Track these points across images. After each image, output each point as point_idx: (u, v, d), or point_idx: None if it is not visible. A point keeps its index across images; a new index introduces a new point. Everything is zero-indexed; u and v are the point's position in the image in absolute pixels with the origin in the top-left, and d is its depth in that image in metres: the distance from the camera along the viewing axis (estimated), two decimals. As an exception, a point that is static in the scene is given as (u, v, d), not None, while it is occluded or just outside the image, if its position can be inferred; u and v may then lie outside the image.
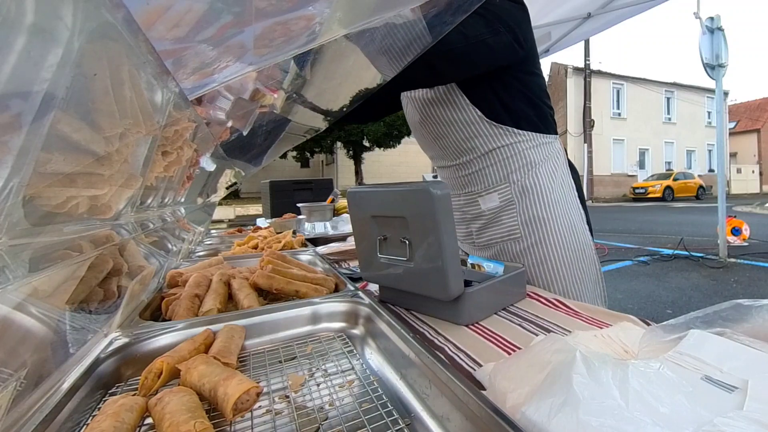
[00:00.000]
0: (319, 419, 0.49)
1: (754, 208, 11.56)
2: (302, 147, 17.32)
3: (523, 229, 0.99)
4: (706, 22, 4.80)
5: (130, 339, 0.64)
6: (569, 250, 0.99)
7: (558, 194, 0.99)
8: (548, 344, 0.48)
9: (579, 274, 1.00)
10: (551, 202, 0.98)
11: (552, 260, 0.98)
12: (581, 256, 1.00)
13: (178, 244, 1.43)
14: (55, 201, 0.58)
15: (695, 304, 3.44)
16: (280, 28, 0.89)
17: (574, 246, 0.99)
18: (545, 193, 0.98)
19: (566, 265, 0.98)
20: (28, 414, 0.43)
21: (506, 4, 0.88)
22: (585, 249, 1.01)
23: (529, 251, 0.99)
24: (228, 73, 1.06)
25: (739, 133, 26.80)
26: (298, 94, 1.53)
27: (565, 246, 0.98)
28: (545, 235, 0.98)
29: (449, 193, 0.69)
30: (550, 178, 0.99)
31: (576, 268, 0.99)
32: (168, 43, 0.76)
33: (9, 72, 0.40)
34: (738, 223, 5.85)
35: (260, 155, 2.67)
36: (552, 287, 0.99)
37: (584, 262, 1.01)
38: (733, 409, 0.38)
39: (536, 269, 0.99)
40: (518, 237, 0.99)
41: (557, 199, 0.99)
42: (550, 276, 0.99)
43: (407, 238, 0.74)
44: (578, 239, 1.00)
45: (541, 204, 0.98)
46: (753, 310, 0.51)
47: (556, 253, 0.98)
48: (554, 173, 1.00)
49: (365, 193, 0.81)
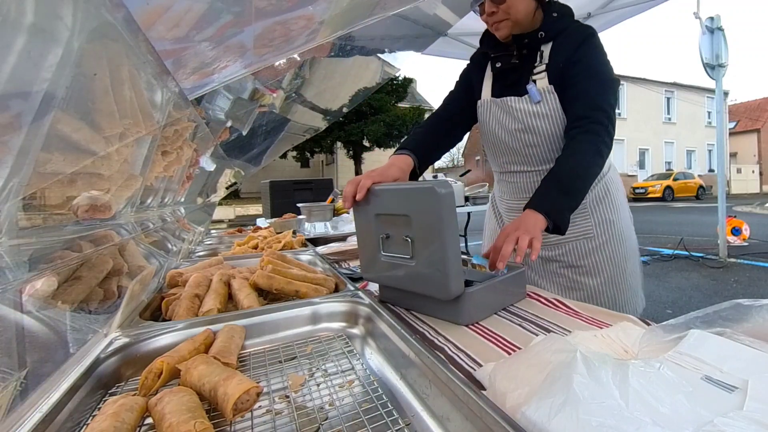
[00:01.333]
0: (319, 419, 0.49)
1: (754, 208, 11.56)
2: (302, 147, 17.33)
3: (596, 229, 1.12)
4: (706, 22, 4.80)
5: (130, 339, 0.64)
6: (629, 247, 1.14)
7: (621, 199, 1.15)
8: (548, 344, 0.48)
9: (635, 269, 1.15)
10: (618, 206, 1.14)
11: (618, 256, 1.12)
12: (635, 252, 1.16)
13: (178, 244, 1.43)
14: (55, 201, 0.58)
15: (695, 304, 3.43)
16: (280, 28, 0.89)
17: (631, 244, 1.15)
18: (615, 198, 1.13)
19: (627, 260, 1.13)
20: (28, 414, 0.43)
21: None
22: (635, 247, 1.17)
23: (600, 249, 1.12)
24: (228, 73, 1.06)
25: (739, 133, 26.81)
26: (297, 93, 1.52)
27: (626, 244, 1.13)
28: (613, 234, 1.11)
29: (453, 192, 0.69)
30: (615, 186, 1.15)
31: (633, 263, 1.14)
32: (168, 43, 0.76)
33: (9, 72, 0.39)
34: (738, 223, 5.85)
35: (260, 155, 2.67)
36: (615, 279, 1.11)
37: (636, 257, 1.16)
38: (733, 409, 0.38)
39: (604, 264, 1.12)
40: (591, 236, 1.12)
41: (621, 203, 1.14)
42: (614, 270, 1.11)
43: (410, 236, 0.74)
44: (632, 238, 1.16)
45: (612, 208, 1.12)
46: (753, 310, 0.51)
47: (622, 250, 1.12)
48: (618, 181, 1.17)
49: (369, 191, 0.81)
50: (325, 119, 2.61)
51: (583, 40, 1.01)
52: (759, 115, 26.85)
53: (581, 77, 0.99)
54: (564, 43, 1.03)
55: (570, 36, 1.03)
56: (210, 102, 1.46)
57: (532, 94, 1.05)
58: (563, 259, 1.14)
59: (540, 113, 1.06)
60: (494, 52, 1.13)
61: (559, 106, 1.04)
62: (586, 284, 1.12)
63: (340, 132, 17.03)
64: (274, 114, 1.99)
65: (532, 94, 1.05)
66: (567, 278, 1.14)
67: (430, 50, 3.33)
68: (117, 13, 0.56)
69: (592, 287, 1.11)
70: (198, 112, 1.27)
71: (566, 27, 1.05)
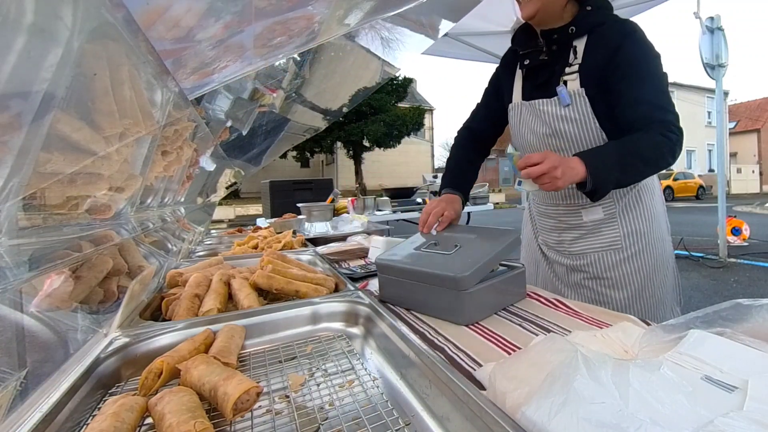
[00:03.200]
0: (319, 419, 0.49)
1: (754, 208, 11.55)
2: (302, 147, 17.31)
3: (624, 240, 1.05)
4: (706, 22, 4.80)
5: (130, 339, 0.64)
6: (660, 259, 1.07)
7: (656, 210, 1.08)
8: (548, 344, 0.48)
9: (665, 281, 1.08)
10: (650, 217, 1.06)
11: (647, 269, 1.05)
12: (667, 264, 1.09)
13: (178, 244, 1.43)
14: (55, 201, 0.58)
15: (695, 304, 3.43)
16: (280, 28, 0.89)
17: (663, 256, 1.08)
18: (647, 209, 1.06)
19: (659, 274, 1.06)
20: (28, 414, 0.43)
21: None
22: (669, 258, 1.10)
23: (628, 261, 1.05)
24: (228, 73, 1.06)
25: (739, 133, 26.81)
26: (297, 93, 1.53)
27: (657, 256, 1.06)
28: (643, 246, 1.05)
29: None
30: (650, 196, 1.08)
31: (663, 275, 1.07)
32: (168, 43, 0.76)
33: (9, 72, 0.39)
34: (738, 223, 5.85)
35: (260, 155, 2.67)
36: (643, 294, 1.05)
37: (668, 269, 1.09)
38: (733, 409, 0.38)
39: (632, 278, 1.05)
40: (619, 248, 1.05)
41: (655, 214, 1.07)
42: (642, 284, 1.05)
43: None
44: (666, 250, 1.09)
45: (643, 219, 1.05)
46: (753, 310, 0.51)
47: (651, 262, 1.05)
48: (653, 191, 1.09)
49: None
50: (325, 119, 2.61)
51: (623, 38, 0.92)
52: (759, 115, 26.84)
53: (631, 82, 0.92)
54: (600, 42, 0.95)
55: (607, 33, 0.94)
56: (210, 102, 1.46)
57: (562, 96, 0.99)
58: (588, 270, 1.09)
59: (569, 117, 1.00)
60: (523, 49, 1.08)
61: (590, 110, 0.98)
62: (612, 297, 1.06)
63: (340, 132, 17.01)
64: (274, 114, 1.99)
65: (561, 97, 0.99)
66: (592, 290, 1.09)
67: (430, 50, 3.33)
68: (117, 13, 0.56)
69: (619, 301, 1.05)
70: (198, 112, 1.27)
71: (602, 22, 0.95)
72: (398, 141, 18.10)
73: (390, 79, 3.45)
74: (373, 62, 1.97)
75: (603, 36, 0.95)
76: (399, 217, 3.35)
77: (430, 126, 25.64)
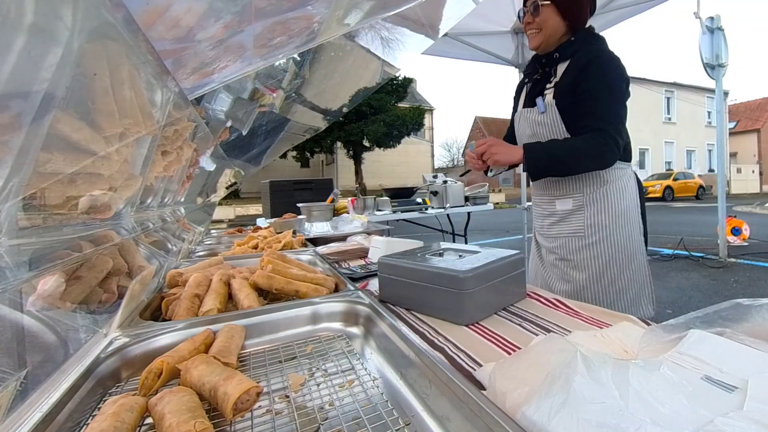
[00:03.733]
0: (319, 419, 0.49)
1: (754, 208, 11.55)
2: (302, 147, 17.30)
3: (587, 229, 1.23)
4: (706, 22, 4.80)
5: (130, 339, 0.64)
6: (622, 253, 1.21)
7: (622, 208, 1.22)
8: (548, 344, 0.48)
9: (628, 274, 1.21)
10: (614, 213, 1.21)
11: (605, 257, 1.21)
12: (632, 259, 1.22)
13: (178, 244, 1.43)
14: (55, 201, 0.58)
15: (695, 304, 3.43)
16: (280, 28, 0.89)
17: (628, 251, 1.21)
18: (611, 205, 1.22)
19: (617, 264, 1.21)
20: (28, 414, 0.43)
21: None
22: (636, 255, 1.22)
23: (589, 247, 1.23)
24: (228, 73, 1.06)
25: (739, 133, 26.78)
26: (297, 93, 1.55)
27: (616, 248, 1.21)
28: (603, 237, 1.21)
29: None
30: (617, 195, 1.22)
31: (626, 268, 1.21)
32: (168, 43, 0.76)
33: (9, 72, 0.39)
34: (738, 223, 5.85)
35: (260, 155, 2.67)
36: (601, 279, 1.22)
37: (634, 264, 1.22)
38: (733, 409, 0.38)
39: (591, 262, 1.23)
40: (582, 235, 1.24)
41: (620, 212, 1.22)
42: (600, 270, 1.22)
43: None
44: (632, 246, 1.22)
45: (605, 213, 1.22)
46: (753, 310, 0.51)
47: (611, 253, 1.21)
48: (623, 191, 1.23)
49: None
50: (325, 119, 2.61)
51: (587, 63, 1.14)
52: (759, 115, 26.83)
53: (587, 96, 1.14)
54: (575, 65, 1.17)
55: (580, 58, 1.16)
56: (210, 102, 1.46)
57: (538, 105, 1.23)
58: (558, 252, 1.30)
59: (543, 122, 1.24)
60: (527, 71, 1.36)
61: (559, 118, 1.20)
62: (574, 277, 1.25)
63: (340, 132, 17.00)
64: (274, 114, 1.99)
65: (538, 106, 1.24)
66: (561, 270, 1.29)
67: (430, 50, 3.33)
68: (117, 13, 0.56)
69: (579, 281, 1.24)
70: (198, 112, 1.27)
71: (578, 50, 1.18)
72: (398, 141, 18.10)
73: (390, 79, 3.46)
74: (373, 62, 1.97)
75: (578, 60, 1.17)
76: (399, 217, 3.35)
77: (430, 126, 25.64)
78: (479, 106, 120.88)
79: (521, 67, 3.75)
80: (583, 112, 1.15)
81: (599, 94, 1.13)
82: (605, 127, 1.12)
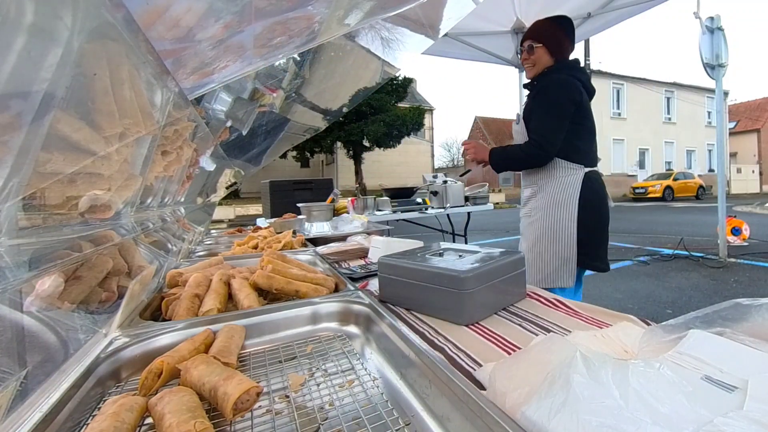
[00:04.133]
0: (319, 419, 0.49)
1: (754, 208, 11.55)
2: (302, 147, 17.29)
3: (532, 210, 1.66)
4: (706, 22, 4.80)
5: (130, 339, 0.64)
6: (550, 231, 1.57)
7: (560, 199, 1.57)
8: (548, 344, 0.48)
9: (552, 249, 1.57)
10: (552, 203, 1.58)
11: (537, 233, 1.61)
12: (558, 239, 1.56)
13: (178, 244, 1.43)
14: (55, 201, 0.58)
15: (695, 304, 3.43)
16: (280, 28, 0.89)
17: (555, 231, 1.57)
18: (551, 197, 1.59)
19: (546, 239, 1.58)
20: (28, 414, 0.43)
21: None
22: (563, 237, 1.55)
23: (531, 224, 1.65)
24: (228, 73, 1.06)
25: (739, 133, 26.77)
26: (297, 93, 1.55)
27: (549, 229, 1.58)
28: (539, 218, 1.61)
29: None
30: (560, 189, 1.57)
31: (551, 245, 1.57)
32: (168, 43, 0.76)
33: (9, 72, 0.39)
34: (738, 223, 5.85)
35: (260, 155, 2.67)
36: (533, 248, 1.61)
37: (559, 244, 1.56)
38: (733, 409, 0.38)
39: (529, 235, 1.65)
40: (529, 214, 1.67)
41: (557, 201, 1.57)
42: (533, 242, 1.61)
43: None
44: (560, 229, 1.56)
45: (545, 200, 1.60)
46: (753, 310, 0.51)
47: (542, 230, 1.59)
48: (566, 187, 1.56)
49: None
50: (325, 119, 2.61)
51: (539, 89, 1.57)
52: (759, 115, 26.83)
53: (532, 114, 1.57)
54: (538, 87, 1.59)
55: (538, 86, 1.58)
56: (210, 102, 1.46)
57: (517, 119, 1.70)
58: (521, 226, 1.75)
59: (517, 131, 1.69)
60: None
61: (524, 129, 1.61)
62: (522, 245, 1.71)
63: (340, 132, 17.00)
64: (274, 114, 1.99)
65: (517, 119, 1.70)
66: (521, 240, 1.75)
67: (430, 50, 3.33)
68: (117, 13, 0.56)
69: (523, 249, 1.67)
70: (198, 112, 1.27)
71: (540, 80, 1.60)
72: (398, 141, 18.09)
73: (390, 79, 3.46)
74: (373, 62, 1.97)
75: (538, 87, 1.58)
76: (399, 217, 3.35)
77: (430, 126, 25.64)
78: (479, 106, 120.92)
79: (521, 67, 3.75)
80: (529, 127, 1.57)
81: (538, 113, 1.53)
82: (535, 138, 1.52)
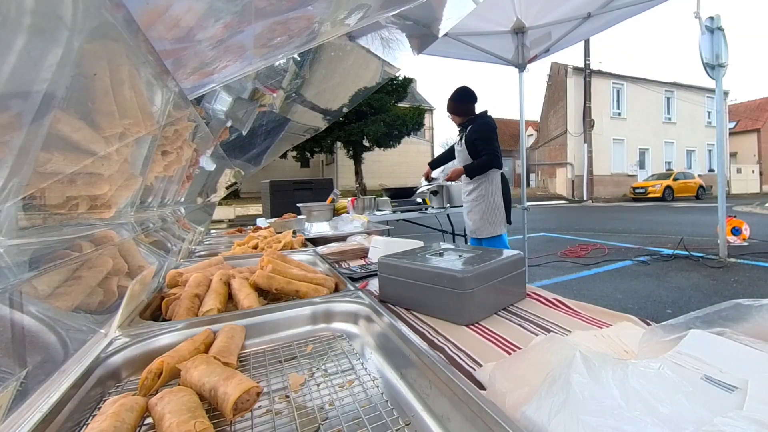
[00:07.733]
0: (319, 419, 0.49)
1: (754, 208, 11.54)
2: (302, 147, 17.26)
3: (479, 198, 2.65)
4: (706, 22, 4.80)
5: (130, 339, 0.64)
6: (490, 207, 2.62)
7: (491, 189, 2.63)
8: (548, 344, 0.48)
9: (490, 217, 2.63)
10: (487, 192, 2.63)
11: (481, 210, 2.64)
12: (494, 211, 2.63)
13: (178, 244, 1.43)
14: (55, 201, 0.58)
15: (695, 304, 3.43)
16: (280, 28, 0.89)
17: (491, 207, 2.62)
18: (485, 188, 2.63)
19: (488, 212, 2.63)
20: (28, 414, 0.43)
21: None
22: (496, 210, 2.63)
23: (478, 204, 2.66)
24: (228, 73, 1.06)
25: (739, 133, 26.75)
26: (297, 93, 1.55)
27: (488, 205, 2.63)
28: (486, 199, 2.63)
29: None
30: (492, 183, 2.63)
31: (490, 215, 2.63)
32: (168, 43, 0.76)
33: (9, 72, 0.39)
34: (738, 223, 5.85)
35: (260, 155, 2.67)
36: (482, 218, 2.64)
37: (494, 214, 2.62)
38: (733, 409, 0.38)
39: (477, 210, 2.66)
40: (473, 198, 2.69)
41: (490, 191, 2.63)
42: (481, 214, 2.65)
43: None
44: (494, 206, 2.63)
45: (481, 189, 2.64)
46: (753, 310, 0.51)
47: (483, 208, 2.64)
48: (493, 182, 2.63)
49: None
50: (325, 119, 2.61)
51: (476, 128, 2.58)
52: (759, 115, 26.82)
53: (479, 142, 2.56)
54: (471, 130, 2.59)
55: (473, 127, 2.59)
56: (210, 102, 1.46)
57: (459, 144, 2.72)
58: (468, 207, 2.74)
59: (459, 151, 2.72)
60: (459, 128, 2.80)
61: (465, 149, 2.63)
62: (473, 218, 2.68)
63: (340, 132, 16.98)
64: (274, 114, 1.99)
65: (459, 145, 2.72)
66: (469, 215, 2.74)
67: (430, 50, 3.34)
68: (117, 13, 0.56)
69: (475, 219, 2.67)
70: (198, 112, 1.27)
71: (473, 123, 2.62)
72: (398, 141, 18.07)
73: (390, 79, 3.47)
74: (373, 62, 1.97)
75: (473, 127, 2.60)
76: (399, 217, 3.35)
77: (430, 126, 25.63)
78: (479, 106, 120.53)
79: (521, 67, 3.75)
80: (479, 149, 2.54)
81: (484, 140, 2.54)
82: (490, 152, 2.53)
